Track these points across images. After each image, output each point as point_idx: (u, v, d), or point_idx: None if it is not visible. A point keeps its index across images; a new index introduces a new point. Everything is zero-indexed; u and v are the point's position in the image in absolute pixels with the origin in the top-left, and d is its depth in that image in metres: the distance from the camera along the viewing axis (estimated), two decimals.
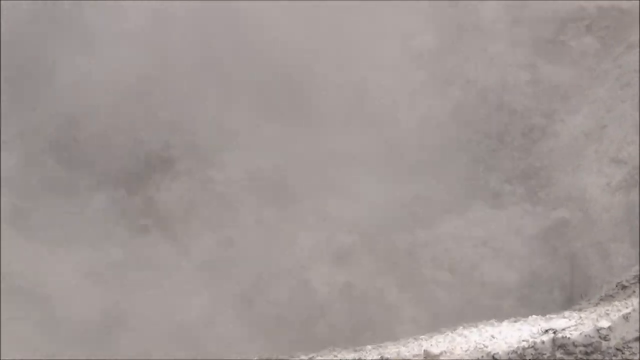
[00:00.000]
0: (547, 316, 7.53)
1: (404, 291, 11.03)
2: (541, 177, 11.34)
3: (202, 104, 12.51)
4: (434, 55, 12.69)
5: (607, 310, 7.40)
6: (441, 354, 6.97)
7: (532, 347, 6.95)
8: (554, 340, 6.97)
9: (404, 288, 11.02)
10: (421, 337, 7.25)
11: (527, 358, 6.82)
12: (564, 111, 11.98)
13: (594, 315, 7.36)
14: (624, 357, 6.74)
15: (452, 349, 7.01)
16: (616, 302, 7.57)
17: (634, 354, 6.74)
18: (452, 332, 7.29)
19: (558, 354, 6.81)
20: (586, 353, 6.80)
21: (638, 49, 11.88)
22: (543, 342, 6.97)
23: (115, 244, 11.58)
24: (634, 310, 7.01)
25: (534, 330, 7.25)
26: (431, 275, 11.08)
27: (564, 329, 7.13)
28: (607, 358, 6.75)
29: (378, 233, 11.44)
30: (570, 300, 9.85)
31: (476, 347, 7.03)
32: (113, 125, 12.52)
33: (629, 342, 6.79)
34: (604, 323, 7.04)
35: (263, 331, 10.85)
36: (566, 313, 7.56)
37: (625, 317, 6.98)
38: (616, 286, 8.10)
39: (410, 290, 11.00)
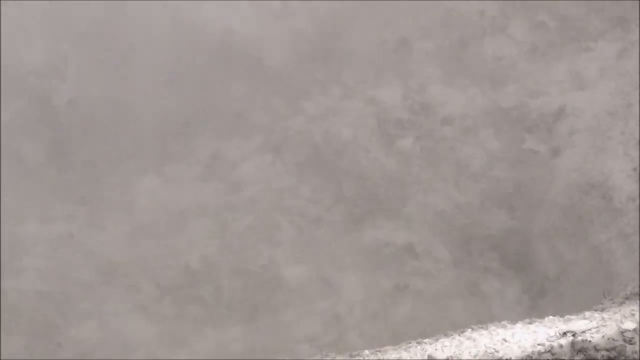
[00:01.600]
0: (566, 317, 7.04)
1: None
2: None
3: None
4: None
5: (633, 310, 6.89)
6: (447, 359, 6.51)
7: (549, 351, 6.44)
8: (573, 344, 6.45)
9: None
10: (425, 340, 6.76)
11: None
12: None
13: (617, 316, 6.84)
14: None
15: (459, 353, 6.55)
16: None
17: None
18: (459, 335, 6.81)
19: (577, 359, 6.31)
20: (609, 358, 6.28)
21: (638, 50, 11.37)
22: (561, 346, 6.46)
23: None
24: None
25: (551, 332, 6.73)
26: None
27: (584, 332, 6.61)
28: None
29: None
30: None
31: (486, 351, 6.54)
32: None
33: None
34: (629, 325, 6.52)
35: None
36: (587, 313, 7.06)
37: None
38: None
39: None
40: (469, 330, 6.88)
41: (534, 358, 6.40)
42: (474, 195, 11.10)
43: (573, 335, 6.57)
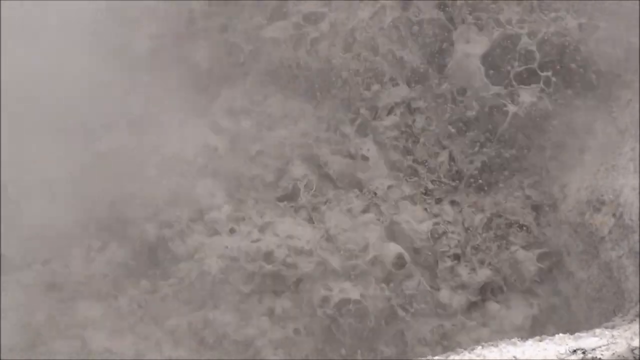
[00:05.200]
0: (576, 334, 6.99)
1: None
2: None
3: None
4: None
5: None
6: None
7: None
8: None
9: None
10: (435, 358, 6.73)
11: None
12: None
13: (628, 334, 6.82)
14: None
15: None
16: None
17: None
18: (469, 352, 6.78)
19: None
20: None
21: (638, 55, 11.32)
22: None
23: None
24: None
25: (561, 350, 6.69)
26: None
27: (594, 349, 6.59)
28: None
29: None
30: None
31: None
32: None
33: None
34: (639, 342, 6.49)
35: None
36: (597, 331, 7.02)
37: None
38: None
39: None
40: (479, 347, 6.84)
41: None
42: None
43: (583, 353, 6.55)
